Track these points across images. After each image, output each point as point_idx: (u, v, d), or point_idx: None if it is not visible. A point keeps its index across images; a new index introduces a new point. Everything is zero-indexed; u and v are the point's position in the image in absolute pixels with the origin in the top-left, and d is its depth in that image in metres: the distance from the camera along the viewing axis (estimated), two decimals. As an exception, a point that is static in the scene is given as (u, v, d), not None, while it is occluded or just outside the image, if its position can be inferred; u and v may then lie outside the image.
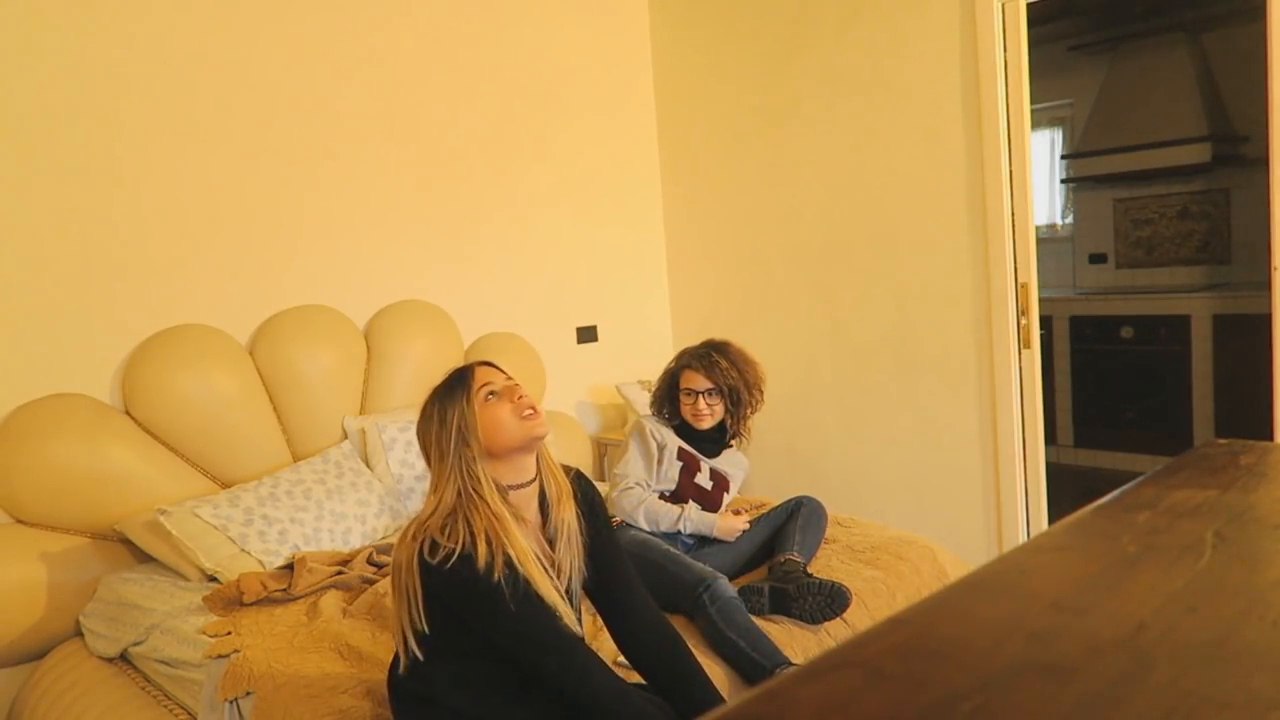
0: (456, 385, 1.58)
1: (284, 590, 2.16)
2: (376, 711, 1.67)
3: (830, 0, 3.31)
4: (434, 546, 1.45)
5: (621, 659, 1.70)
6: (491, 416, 1.54)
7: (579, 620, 1.59)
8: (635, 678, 1.65)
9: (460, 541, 1.44)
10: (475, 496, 1.49)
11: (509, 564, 1.44)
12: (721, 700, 1.68)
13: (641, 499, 2.35)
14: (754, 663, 1.88)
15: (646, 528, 2.33)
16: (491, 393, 1.57)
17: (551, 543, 1.61)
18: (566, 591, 1.58)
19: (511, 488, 1.56)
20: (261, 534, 2.38)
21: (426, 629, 1.47)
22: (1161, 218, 5.17)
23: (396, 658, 1.58)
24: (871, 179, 3.30)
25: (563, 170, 3.67)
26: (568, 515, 1.61)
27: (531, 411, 1.56)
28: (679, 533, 2.36)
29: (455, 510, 1.48)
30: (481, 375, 1.59)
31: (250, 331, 2.84)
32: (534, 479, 1.60)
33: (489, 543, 1.44)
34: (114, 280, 2.59)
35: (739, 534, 2.38)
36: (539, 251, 3.60)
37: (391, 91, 3.16)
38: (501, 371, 1.63)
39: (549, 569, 1.54)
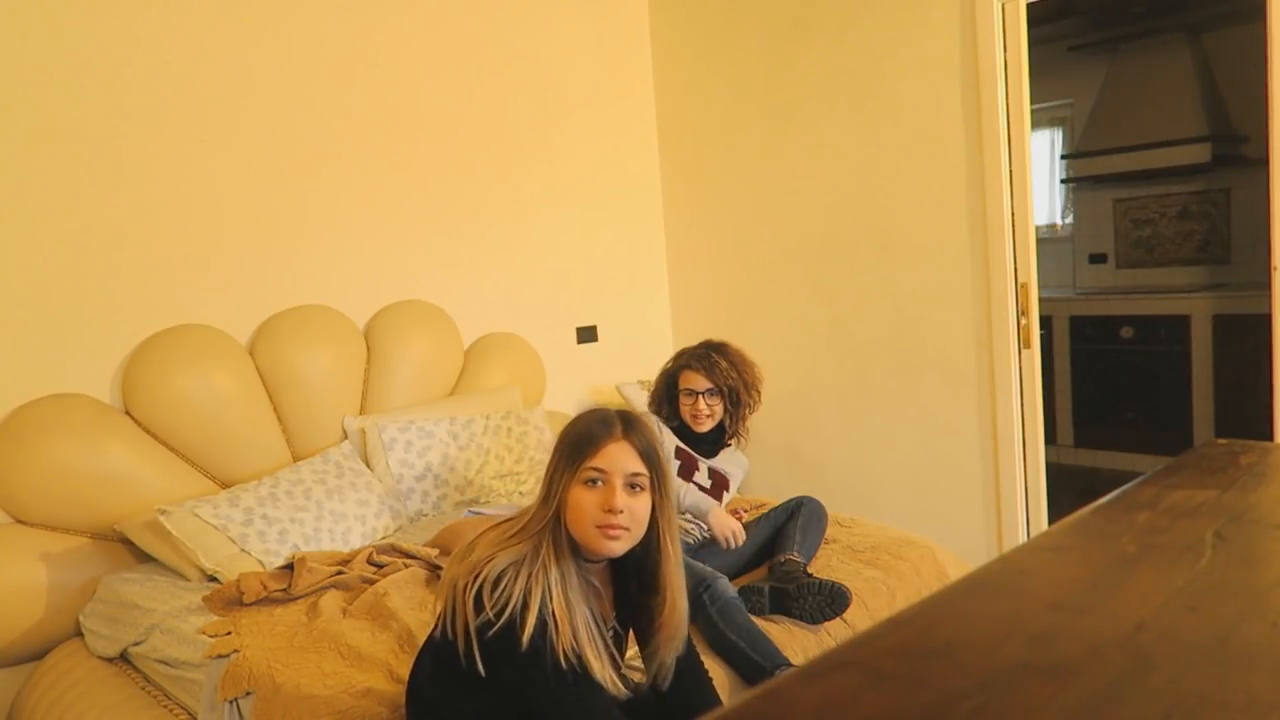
0: (583, 444, 1.46)
1: (284, 590, 2.16)
2: (376, 711, 1.67)
3: (830, 1, 3.32)
4: (481, 597, 1.37)
5: (634, 658, 1.64)
6: (576, 501, 1.44)
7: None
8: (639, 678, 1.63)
9: (510, 605, 1.35)
10: (548, 558, 1.41)
11: (553, 636, 1.35)
12: None
13: None
14: (754, 663, 1.88)
15: None
16: (594, 480, 1.44)
17: (622, 620, 1.53)
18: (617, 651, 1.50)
19: (590, 562, 1.48)
20: (261, 534, 2.38)
21: (463, 662, 1.39)
22: (1161, 218, 5.17)
23: (418, 664, 1.54)
24: (871, 179, 3.30)
25: (563, 170, 3.67)
26: (680, 614, 1.49)
27: (615, 531, 1.42)
28: (681, 536, 2.36)
29: (522, 561, 1.40)
30: (608, 454, 1.44)
31: (250, 331, 2.84)
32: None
33: (541, 612, 1.35)
34: (114, 280, 2.59)
35: (729, 538, 2.32)
36: (539, 251, 3.60)
37: (392, 91, 3.16)
38: (641, 458, 1.46)
39: (606, 645, 1.45)
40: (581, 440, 1.46)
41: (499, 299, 3.49)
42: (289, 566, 2.27)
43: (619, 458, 1.44)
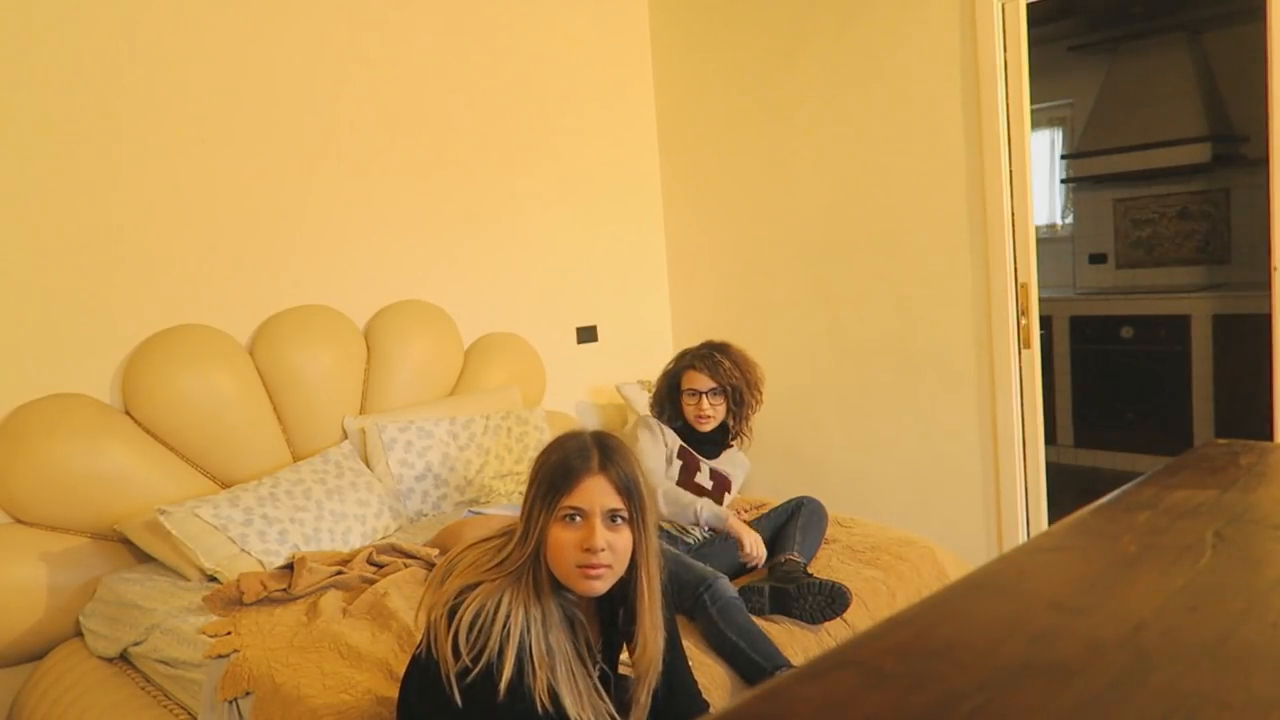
0: (559, 480, 1.40)
1: (284, 590, 2.16)
2: (375, 711, 1.67)
3: (830, 1, 3.32)
4: (458, 643, 1.33)
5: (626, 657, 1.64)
6: (555, 539, 1.39)
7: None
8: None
9: (487, 652, 1.31)
10: (528, 597, 1.37)
11: (530, 681, 1.32)
12: None
13: (660, 482, 2.36)
14: (754, 663, 1.88)
15: (664, 511, 2.33)
16: (572, 516, 1.39)
17: (611, 642, 1.51)
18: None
19: (570, 595, 1.43)
20: (261, 534, 2.38)
21: (445, 687, 1.35)
22: (1161, 218, 5.17)
23: (407, 677, 1.52)
24: (871, 179, 3.30)
25: (563, 170, 3.67)
26: (653, 653, 1.45)
27: (597, 571, 1.38)
28: (681, 536, 2.36)
29: (499, 601, 1.36)
30: (585, 491, 1.39)
31: (250, 331, 2.84)
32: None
33: (519, 657, 1.32)
34: (114, 280, 2.59)
35: (750, 548, 2.28)
36: (539, 251, 3.60)
37: (392, 91, 3.16)
38: (619, 493, 1.41)
39: (590, 684, 1.41)
40: (557, 475, 1.41)
41: (499, 299, 3.49)
42: (289, 566, 2.27)
43: (597, 494, 1.39)
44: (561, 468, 1.41)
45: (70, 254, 2.51)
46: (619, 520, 1.41)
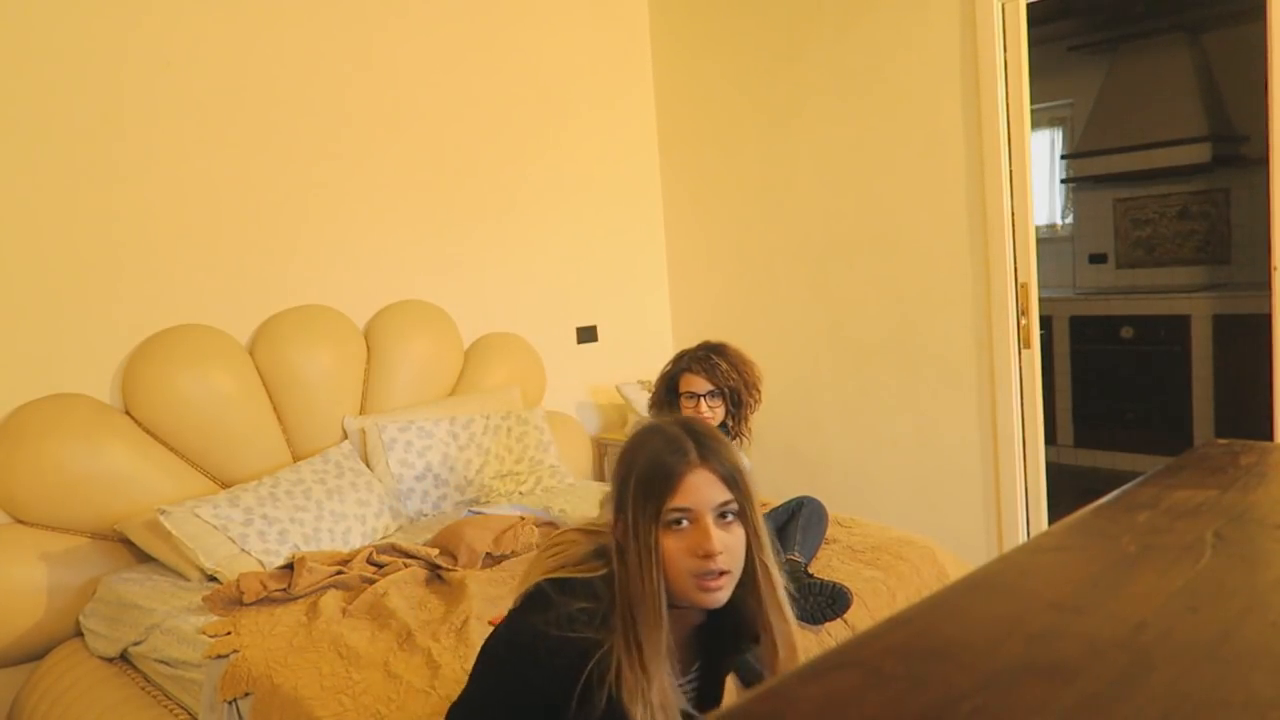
0: (658, 481, 1.21)
1: (284, 590, 2.16)
2: (374, 709, 1.67)
3: (831, 2, 3.32)
4: (549, 594, 1.20)
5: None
6: (670, 549, 1.20)
7: None
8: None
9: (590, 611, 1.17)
10: (638, 594, 1.19)
11: (615, 685, 1.15)
12: None
13: None
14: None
15: None
16: (678, 520, 1.20)
17: (710, 670, 1.34)
18: None
19: (674, 607, 1.23)
20: (261, 534, 2.38)
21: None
22: (1161, 218, 5.17)
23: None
24: (871, 179, 3.30)
25: (563, 170, 3.67)
26: (791, 654, 1.28)
27: (718, 581, 1.20)
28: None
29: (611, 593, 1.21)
30: (690, 488, 1.20)
31: (250, 331, 2.84)
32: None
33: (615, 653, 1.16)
34: (114, 280, 2.59)
35: None
36: (539, 251, 3.60)
37: (392, 91, 3.16)
38: (725, 483, 1.22)
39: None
40: (656, 476, 1.21)
41: (499, 299, 3.49)
42: (289, 566, 2.27)
43: (704, 490, 1.21)
44: (659, 466, 1.22)
45: (70, 254, 2.51)
46: (729, 516, 1.24)
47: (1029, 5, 2.86)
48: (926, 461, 3.28)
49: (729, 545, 1.22)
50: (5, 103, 2.41)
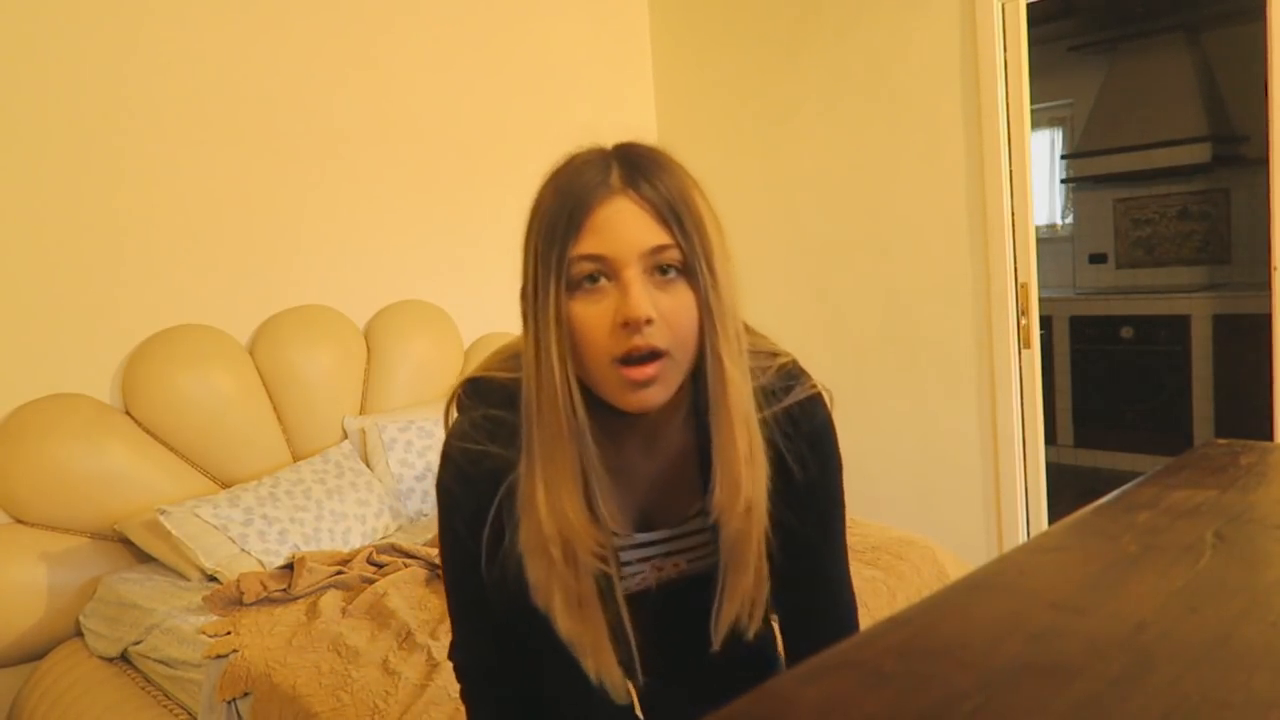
0: (562, 218, 0.88)
1: (284, 590, 2.16)
2: (373, 708, 1.67)
3: (831, 1, 3.32)
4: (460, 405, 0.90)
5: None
6: (579, 320, 0.86)
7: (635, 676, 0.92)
8: None
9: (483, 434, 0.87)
10: (544, 397, 0.87)
11: (506, 517, 0.86)
12: None
13: None
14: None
15: None
16: (592, 277, 0.85)
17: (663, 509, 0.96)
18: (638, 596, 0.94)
19: (611, 413, 0.87)
20: (261, 534, 2.38)
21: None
22: (1161, 218, 5.17)
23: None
24: (871, 179, 3.30)
25: (563, 170, 3.66)
26: (731, 493, 0.87)
27: (643, 367, 0.82)
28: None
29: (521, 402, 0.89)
30: (604, 224, 0.84)
31: (250, 331, 2.84)
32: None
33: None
34: (114, 280, 2.59)
35: None
36: (539, 251, 3.60)
37: (392, 91, 3.16)
38: (660, 220, 0.84)
39: (606, 557, 0.87)
40: (561, 212, 0.88)
41: (499, 299, 3.48)
42: (289, 566, 2.27)
43: (627, 228, 0.84)
44: (564, 198, 0.89)
45: (70, 254, 2.51)
46: (670, 272, 0.85)
47: (1029, 5, 2.86)
48: (926, 461, 3.28)
49: (668, 313, 0.84)
50: (5, 103, 2.41)
